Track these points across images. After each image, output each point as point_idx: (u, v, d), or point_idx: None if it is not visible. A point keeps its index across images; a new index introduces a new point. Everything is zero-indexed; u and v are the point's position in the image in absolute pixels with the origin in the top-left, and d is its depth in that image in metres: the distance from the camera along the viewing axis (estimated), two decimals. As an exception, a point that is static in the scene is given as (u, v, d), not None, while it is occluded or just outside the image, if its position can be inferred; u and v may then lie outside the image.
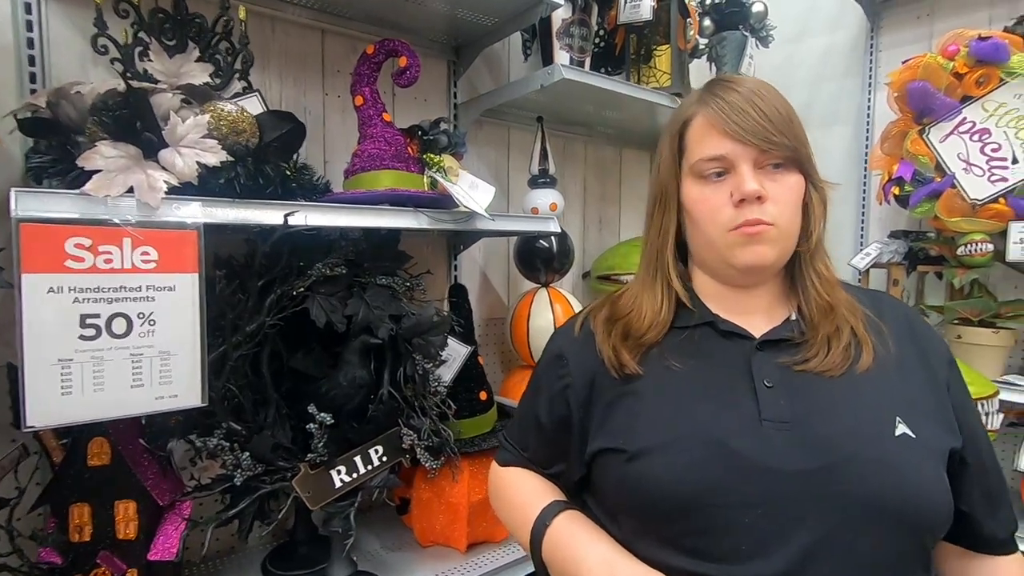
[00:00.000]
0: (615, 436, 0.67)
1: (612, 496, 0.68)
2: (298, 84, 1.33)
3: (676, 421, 0.64)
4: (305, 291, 1.00)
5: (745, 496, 0.58)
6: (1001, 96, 1.46)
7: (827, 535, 0.56)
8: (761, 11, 1.66)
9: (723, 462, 0.60)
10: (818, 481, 0.57)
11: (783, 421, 0.61)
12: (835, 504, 0.56)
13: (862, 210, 2.02)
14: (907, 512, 0.57)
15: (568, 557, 0.66)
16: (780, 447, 0.59)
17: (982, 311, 1.54)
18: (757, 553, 0.56)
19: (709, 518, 0.59)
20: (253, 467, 0.97)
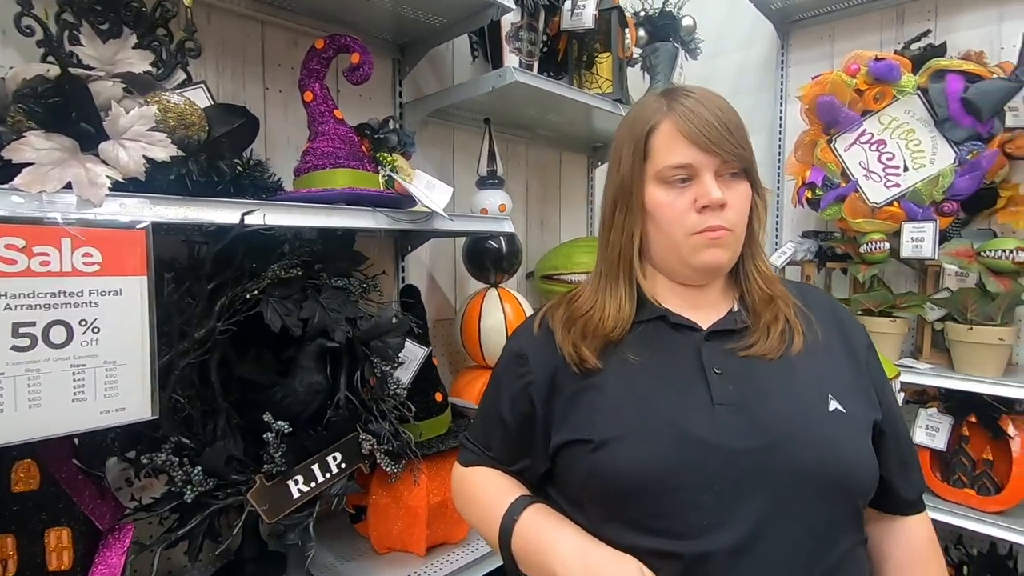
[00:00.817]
0: (580, 428, 0.69)
1: (579, 485, 0.70)
2: (236, 77, 1.26)
3: (637, 410, 0.67)
4: (259, 294, 0.95)
5: (703, 475, 0.62)
6: (894, 111, 1.65)
7: (776, 505, 0.61)
8: (690, 25, 1.77)
9: (683, 445, 0.64)
10: (766, 457, 0.62)
11: (732, 404, 0.66)
12: (782, 477, 0.62)
13: (777, 212, 2.20)
14: (843, 479, 0.64)
15: (539, 550, 0.68)
16: (731, 428, 0.64)
17: (881, 303, 1.72)
18: (716, 527, 0.61)
19: (672, 498, 0.62)
20: (205, 482, 0.91)
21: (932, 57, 1.62)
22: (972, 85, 1.52)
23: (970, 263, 1.58)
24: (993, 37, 1.72)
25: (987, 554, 1.64)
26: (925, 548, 0.74)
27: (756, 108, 2.25)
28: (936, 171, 1.60)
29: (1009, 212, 1.65)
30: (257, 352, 1.08)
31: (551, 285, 1.79)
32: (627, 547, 0.64)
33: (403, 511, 1.22)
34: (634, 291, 0.75)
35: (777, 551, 0.61)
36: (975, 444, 1.61)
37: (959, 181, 1.58)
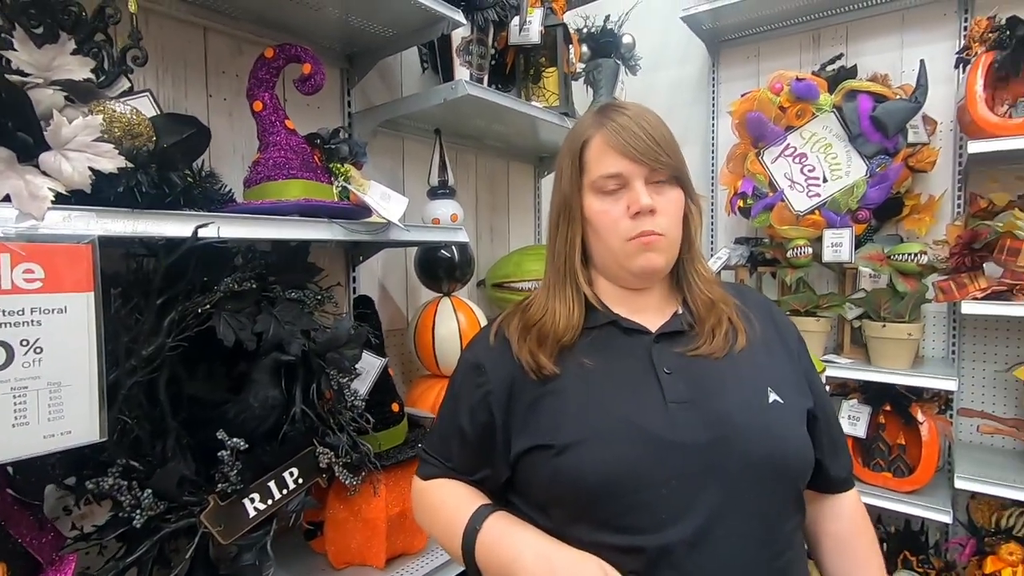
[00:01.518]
0: (541, 434, 0.71)
1: (543, 489, 0.72)
2: (178, 84, 1.22)
3: (596, 413, 0.70)
4: (211, 308, 0.92)
5: (661, 471, 0.66)
6: (814, 127, 1.80)
7: (727, 494, 0.66)
8: (630, 42, 1.86)
9: (641, 444, 0.67)
10: (717, 450, 0.67)
11: (684, 401, 0.69)
12: (732, 467, 0.67)
13: (711, 220, 2.33)
14: (785, 465, 0.70)
15: (502, 557, 0.70)
16: (684, 424, 0.68)
17: (807, 303, 1.86)
18: (675, 519, 0.65)
19: (633, 496, 0.65)
20: (156, 505, 0.87)
21: (845, 78, 1.78)
22: (879, 105, 1.68)
23: (882, 266, 1.74)
24: (896, 62, 1.91)
25: (903, 531, 1.80)
26: (859, 520, 0.82)
27: (691, 122, 2.38)
28: (851, 182, 1.75)
29: (913, 219, 1.84)
30: (207, 369, 1.04)
31: (503, 293, 1.82)
32: (592, 545, 0.67)
33: (362, 524, 1.21)
34: (581, 297, 0.78)
35: (731, 537, 0.65)
36: (890, 430, 1.77)
37: (870, 191, 1.74)
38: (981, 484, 1.54)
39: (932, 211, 1.81)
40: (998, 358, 1.79)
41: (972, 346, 1.83)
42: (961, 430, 1.84)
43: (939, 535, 1.83)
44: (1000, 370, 1.78)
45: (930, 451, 1.64)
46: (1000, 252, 1.52)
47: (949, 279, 1.62)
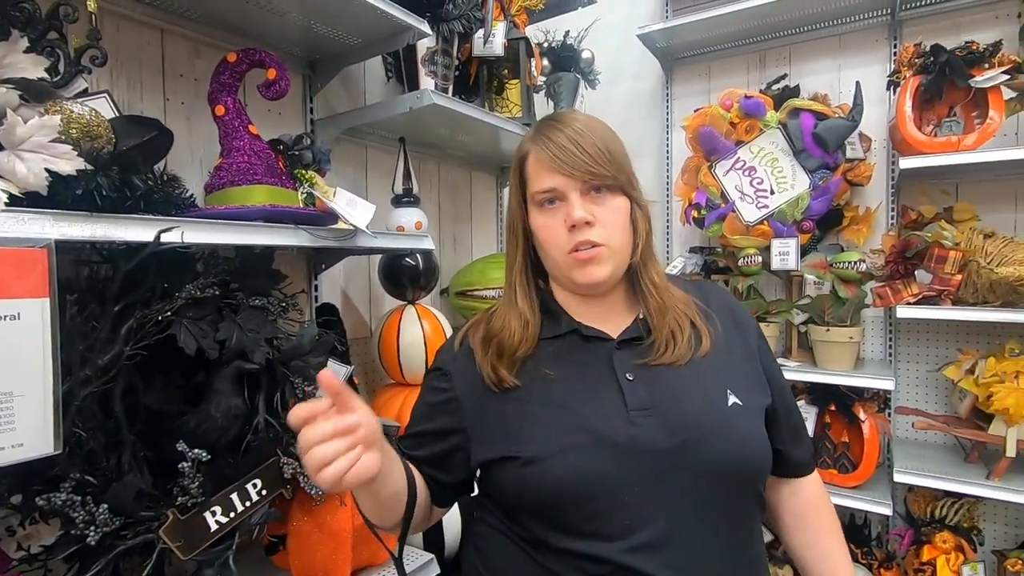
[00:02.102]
0: (507, 445, 0.72)
1: (510, 498, 0.73)
2: (133, 86, 1.18)
3: (560, 423, 0.71)
4: (171, 316, 0.90)
5: (625, 478, 0.67)
6: (762, 142, 1.90)
7: (689, 497, 0.68)
8: (589, 57, 1.92)
9: (605, 452, 0.68)
10: (679, 455, 0.68)
11: (645, 408, 0.71)
12: (693, 471, 0.68)
13: (667, 230, 2.42)
14: (746, 467, 0.72)
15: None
16: (646, 431, 0.69)
17: (757, 309, 1.95)
18: (639, 526, 0.66)
19: (600, 503, 0.67)
20: (111, 521, 0.83)
21: (789, 97, 1.89)
22: (821, 122, 1.80)
23: (825, 273, 1.84)
24: (834, 83, 2.05)
25: (848, 525, 1.90)
26: (818, 497, 0.86)
27: (646, 135, 2.46)
28: (796, 194, 1.86)
29: (852, 230, 1.96)
30: (165, 379, 1.01)
31: (466, 301, 1.83)
32: (560, 551, 0.69)
33: (327, 536, 1.18)
34: (535, 306, 0.80)
35: (694, 539, 0.67)
36: (835, 429, 1.87)
37: (814, 203, 1.85)
38: (917, 477, 1.65)
39: (869, 222, 1.94)
40: (929, 359, 1.92)
41: (907, 348, 1.96)
42: (898, 427, 1.96)
43: (880, 527, 1.94)
44: (931, 370, 1.91)
45: (871, 448, 1.74)
46: (929, 260, 1.65)
47: (885, 285, 1.74)
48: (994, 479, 1.58)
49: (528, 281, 0.81)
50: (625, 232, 0.76)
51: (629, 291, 0.83)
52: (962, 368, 1.68)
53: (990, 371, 1.56)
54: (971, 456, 1.73)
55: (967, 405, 1.68)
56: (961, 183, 1.87)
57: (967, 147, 1.58)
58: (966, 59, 1.60)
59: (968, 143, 1.58)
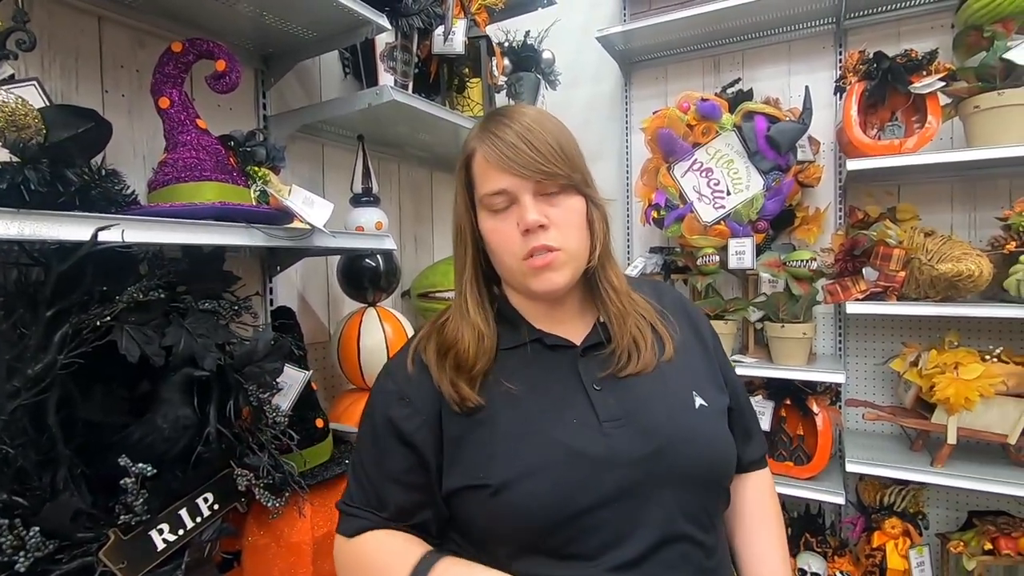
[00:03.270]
0: (473, 472, 0.67)
1: (482, 529, 0.68)
2: (67, 75, 1.10)
3: (530, 443, 0.67)
4: (111, 321, 0.84)
5: (602, 494, 0.64)
6: (718, 144, 1.94)
7: (666, 506, 0.66)
8: (550, 58, 1.93)
9: (580, 469, 0.65)
10: (653, 463, 0.66)
11: (617, 419, 0.68)
12: (668, 478, 0.67)
13: (627, 230, 2.45)
14: (716, 468, 0.72)
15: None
16: (620, 442, 0.66)
17: (716, 307, 2.00)
18: (621, 541, 0.64)
19: (577, 524, 0.63)
20: (43, 545, 0.77)
21: (743, 100, 1.94)
22: (773, 125, 1.85)
23: (779, 272, 1.90)
24: (784, 87, 2.12)
25: (804, 515, 1.96)
26: (763, 494, 0.85)
27: (606, 137, 2.49)
28: (751, 195, 1.91)
29: (803, 229, 2.03)
30: (105, 389, 0.94)
31: (429, 303, 1.80)
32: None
33: (285, 549, 1.13)
34: (490, 317, 0.74)
35: (672, 551, 0.66)
36: (790, 422, 1.93)
37: (768, 204, 1.90)
38: (868, 466, 1.72)
39: (819, 222, 2.01)
40: (877, 352, 2.00)
41: (855, 342, 2.04)
42: (849, 419, 2.04)
43: (834, 516, 2.01)
44: (878, 363, 1.99)
45: (825, 439, 1.80)
46: (875, 258, 1.72)
47: (835, 283, 1.80)
48: (937, 465, 1.66)
49: (480, 290, 0.75)
50: (581, 234, 0.72)
51: (586, 294, 0.79)
52: (907, 361, 1.76)
53: (932, 363, 1.64)
54: (916, 444, 1.82)
55: (912, 396, 1.76)
56: (903, 184, 1.96)
57: (908, 150, 1.66)
58: (906, 66, 1.68)
59: (909, 146, 1.66)
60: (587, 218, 0.72)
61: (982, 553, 1.62)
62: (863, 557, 1.80)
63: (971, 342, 1.81)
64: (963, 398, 1.56)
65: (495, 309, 0.76)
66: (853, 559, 1.84)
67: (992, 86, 1.58)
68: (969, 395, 1.55)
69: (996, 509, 1.77)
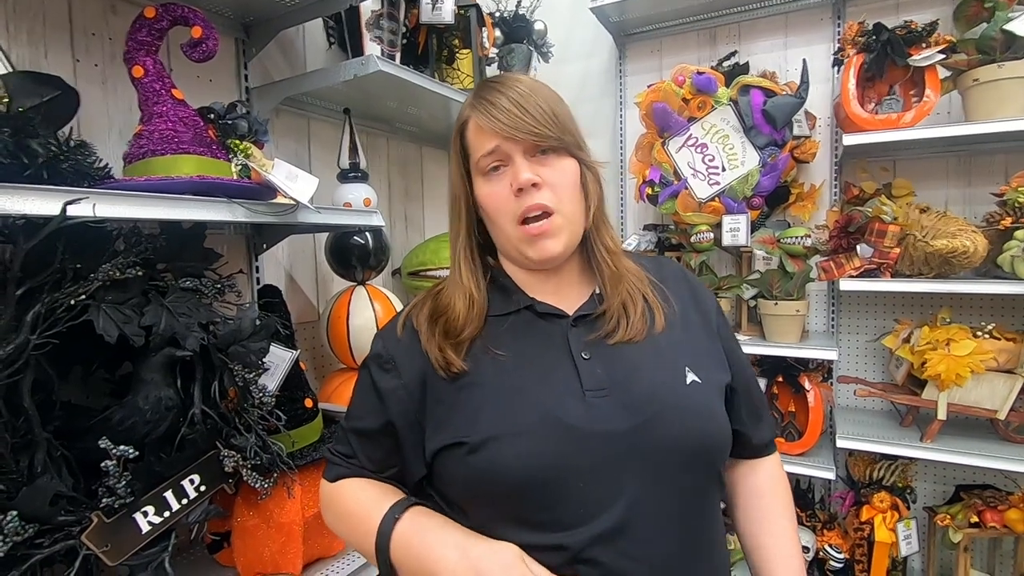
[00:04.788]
0: (455, 431, 0.68)
1: (460, 488, 0.69)
2: (35, 43, 1.05)
3: (511, 407, 0.67)
4: (86, 299, 0.81)
5: (581, 463, 0.64)
6: (713, 119, 1.90)
7: (649, 480, 0.64)
8: (542, 29, 1.87)
9: (559, 436, 0.64)
10: (636, 437, 0.65)
11: (602, 389, 0.67)
12: (652, 453, 0.65)
13: (621, 207, 2.42)
14: (703, 446, 0.69)
15: (420, 554, 0.66)
16: (603, 413, 0.66)
17: (710, 285, 1.98)
18: (596, 513, 0.63)
19: (554, 491, 0.63)
20: (22, 530, 0.75)
21: (739, 74, 1.90)
22: (770, 99, 1.82)
23: (773, 249, 1.88)
24: (781, 61, 2.08)
25: (794, 490, 1.98)
26: (775, 480, 0.84)
27: (600, 113, 2.44)
28: (746, 171, 1.88)
29: (798, 206, 2.01)
30: (84, 371, 0.92)
31: (419, 281, 1.77)
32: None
33: (275, 530, 1.12)
34: (482, 284, 0.75)
35: (653, 522, 0.64)
36: (782, 399, 1.94)
37: (763, 180, 1.88)
38: (858, 442, 1.73)
39: (814, 198, 1.99)
40: (869, 329, 2.01)
41: (848, 320, 2.04)
42: (840, 395, 2.05)
43: (823, 491, 2.03)
44: (870, 340, 2.00)
45: (816, 416, 1.81)
46: (870, 234, 1.70)
47: (829, 259, 1.79)
48: (926, 441, 1.67)
49: (473, 257, 0.76)
50: (576, 195, 0.72)
51: (584, 264, 0.79)
52: (899, 337, 1.76)
53: (924, 339, 1.64)
54: (906, 420, 1.83)
55: (903, 372, 1.77)
56: (899, 160, 1.94)
57: (906, 124, 1.64)
58: (905, 38, 1.64)
59: (907, 120, 1.64)
60: (580, 180, 0.73)
61: (968, 526, 1.65)
62: (851, 531, 1.82)
63: (964, 318, 1.82)
64: (954, 374, 1.56)
65: (488, 279, 0.77)
66: (842, 532, 1.86)
67: (992, 58, 1.55)
68: (960, 371, 1.56)
69: (983, 483, 1.79)
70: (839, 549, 1.81)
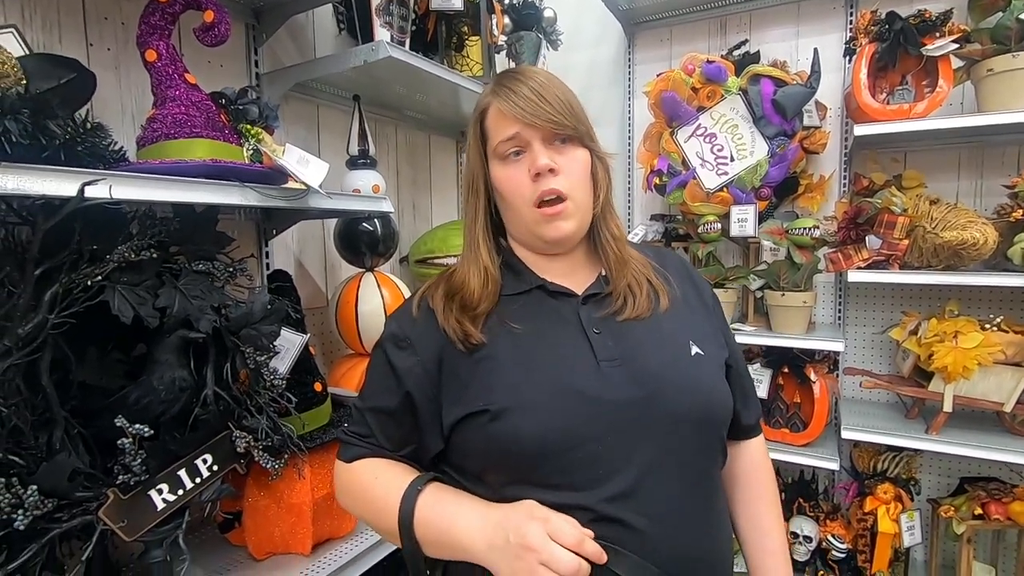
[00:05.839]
0: (475, 401, 0.70)
1: (479, 456, 0.71)
2: (50, 28, 1.05)
3: (529, 376, 0.70)
4: (102, 280, 0.82)
5: (595, 429, 0.67)
6: (722, 108, 1.90)
7: (659, 446, 0.69)
8: (551, 16, 1.86)
9: (575, 403, 0.68)
10: (647, 405, 0.69)
11: (614, 359, 0.71)
12: (662, 420, 0.69)
13: (629, 197, 2.42)
14: (710, 414, 0.74)
15: (442, 528, 0.68)
16: (616, 382, 0.69)
17: (717, 275, 1.98)
18: (610, 476, 0.66)
19: (570, 455, 0.66)
20: (41, 504, 0.77)
21: (750, 63, 1.89)
22: (780, 89, 1.81)
23: (781, 240, 1.88)
24: (792, 50, 2.06)
25: (798, 480, 1.99)
26: (759, 463, 0.88)
27: (609, 103, 2.43)
28: (755, 161, 1.87)
29: (807, 197, 2.00)
30: (100, 351, 0.93)
31: (427, 269, 1.78)
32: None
33: (285, 510, 1.14)
34: (495, 263, 0.78)
35: (664, 487, 0.68)
36: (788, 390, 1.94)
37: (772, 170, 1.87)
38: (863, 433, 1.73)
39: (823, 189, 1.98)
40: (876, 321, 2.00)
41: (855, 311, 2.03)
42: (846, 387, 2.05)
43: (827, 482, 2.04)
44: (877, 332, 1.99)
45: (821, 407, 1.81)
46: (879, 226, 1.70)
47: (837, 251, 1.78)
48: (932, 433, 1.68)
49: (489, 236, 0.80)
50: (587, 184, 0.76)
51: (591, 249, 0.83)
52: (906, 329, 1.76)
53: (932, 331, 1.64)
54: (911, 412, 1.83)
55: (910, 364, 1.76)
56: (909, 151, 1.93)
57: (918, 115, 1.62)
58: (919, 27, 1.62)
59: (919, 111, 1.62)
60: (592, 170, 0.77)
61: (972, 518, 1.65)
62: (855, 521, 1.83)
63: (972, 311, 1.81)
64: (961, 367, 1.56)
65: (501, 259, 0.80)
66: (845, 523, 1.87)
67: (1007, 48, 1.53)
68: (967, 364, 1.55)
69: (988, 476, 1.79)
70: (842, 539, 1.82)
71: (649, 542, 0.66)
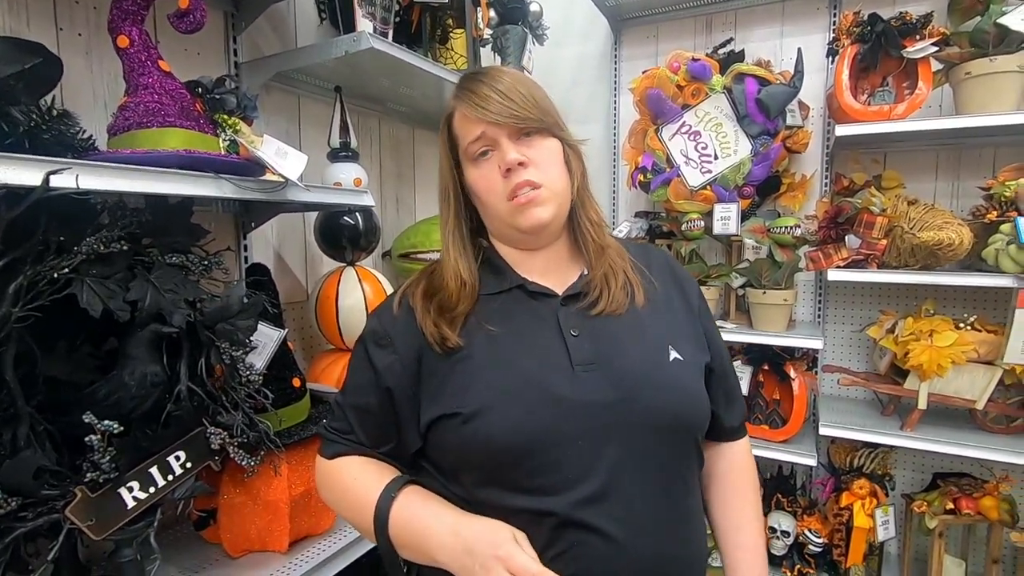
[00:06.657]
0: (449, 402, 0.71)
1: (453, 457, 0.72)
2: (16, 11, 1.02)
3: (503, 378, 0.70)
4: (70, 273, 0.79)
5: (568, 432, 0.68)
6: (707, 106, 1.90)
7: (631, 449, 0.69)
8: (537, 11, 1.85)
9: (548, 407, 0.68)
10: (621, 408, 0.69)
11: (590, 363, 0.71)
12: (635, 424, 0.70)
13: (613, 194, 2.42)
14: (684, 420, 0.74)
15: (415, 533, 0.70)
16: (590, 386, 0.70)
17: (699, 273, 1.99)
18: (581, 478, 0.67)
19: (542, 458, 0.67)
20: (5, 503, 0.74)
21: (734, 62, 1.89)
22: (764, 88, 1.81)
23: (763, 238, 1.89)
24: (776, 50, 2.07)
25: (776, 476, 2.01)
26: (742, 466, 0.88)
27: (594, 99, 2.43)
28: (738, 160, 1.88)
29: (789, 196, 2.02)
30: (70, 345, 0.90)
31: (410, 264, 1.76)
32: (504, 508, 0.68)
33: (261, 507, 1.12)
34: (472, 265, 0.78)
35: (635, 490, 0.68)
36: (768, 387, 1.96)
37: (755, 169, 1.88)
38: (840, 430, 1.76)
39: (805, 189, 2.00)
40: (854, 319, 2.03)
41: (834, 310, 2.06)
42: (824, 384, 2.08)
43: (805, 477, 2.07)
44: (855, 330, 2.02)
45: (800, 404, 1.84)
46: (859, 225, 1.72)
47: (818, 250, 1.80)
48: (906, 429, 1.71)
49: (463, 239, 0.79)
50: (560, 171, 0.76)
51: (572, 243, 0.82)
52: (883, 328, 1.78)
53: (908, 330, 1.67)
54: (887, 409, 1.86)
55: (886, 362, 1.79)
56: (889, 152, 1.95)
57: (898, 116, 1.64)
58: (900, 29, 1.64)
59: (899, 112, 1.65)
60: (564, 158, 0.77)
61: (944, 512, 1.69)
62: (831, 516, 1.86)
63: (947, 310, 1.84)
64: (936, 365, 1.59)
65: (480, 260, 0.80)
66: (821, 518, 1.90)
67: (984, 52, 1.55)
68: (942, 362, 1.58)
69: (960, 471, 1.83)
70: (818, 534, 1.85)
71: (619, 546, 0.66)
